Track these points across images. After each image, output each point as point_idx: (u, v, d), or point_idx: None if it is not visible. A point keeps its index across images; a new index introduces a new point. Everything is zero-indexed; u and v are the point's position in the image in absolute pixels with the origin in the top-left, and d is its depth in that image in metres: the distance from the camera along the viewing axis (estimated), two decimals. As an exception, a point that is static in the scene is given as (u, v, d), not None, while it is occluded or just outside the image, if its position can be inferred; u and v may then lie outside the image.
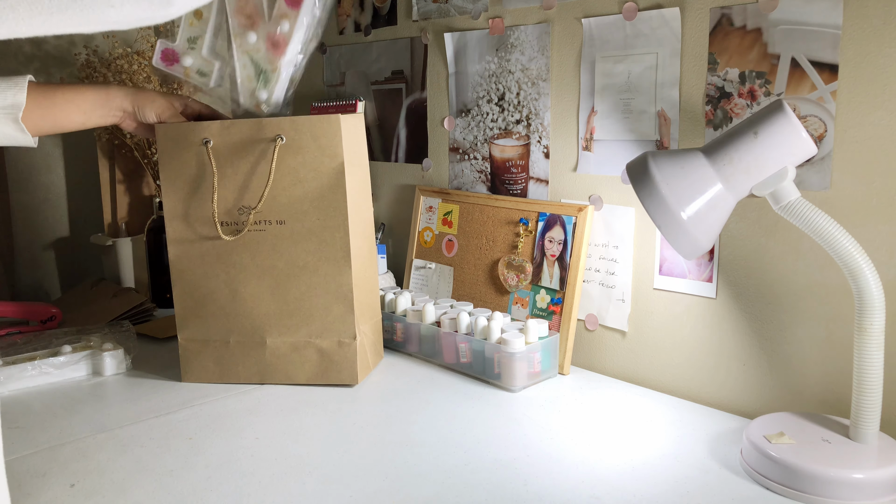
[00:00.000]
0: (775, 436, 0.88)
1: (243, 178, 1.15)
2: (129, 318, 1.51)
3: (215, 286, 1.18)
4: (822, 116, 0.95)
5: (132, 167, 1.80)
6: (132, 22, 0.74)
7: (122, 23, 0.73)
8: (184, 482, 0.88)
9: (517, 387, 1.14)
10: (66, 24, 0.68)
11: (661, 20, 1.09)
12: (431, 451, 0.95)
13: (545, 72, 1.25)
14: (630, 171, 0.92)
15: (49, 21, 0.66)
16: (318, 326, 1.17)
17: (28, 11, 0.65)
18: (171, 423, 1.05)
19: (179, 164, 1.15)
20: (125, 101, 1.11)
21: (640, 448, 0.95)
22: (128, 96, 1.11)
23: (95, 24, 0.71)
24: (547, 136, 1.27)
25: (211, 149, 1.13)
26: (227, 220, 1.16)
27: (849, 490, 0.80)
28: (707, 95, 1.06)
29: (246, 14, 1.13)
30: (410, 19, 1.48)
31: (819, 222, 0.84)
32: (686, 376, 1.13)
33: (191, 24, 1.17)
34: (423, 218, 1.47)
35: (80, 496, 0.86)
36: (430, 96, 1.47)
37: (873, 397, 0.84)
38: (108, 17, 0.71)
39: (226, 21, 1.14)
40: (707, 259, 1.08)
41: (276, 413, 1.08)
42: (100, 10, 0.69)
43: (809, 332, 0.99)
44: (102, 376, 1.24)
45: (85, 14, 0.68)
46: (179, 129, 1.14)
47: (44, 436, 1.02)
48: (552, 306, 1.23)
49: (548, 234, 1.25)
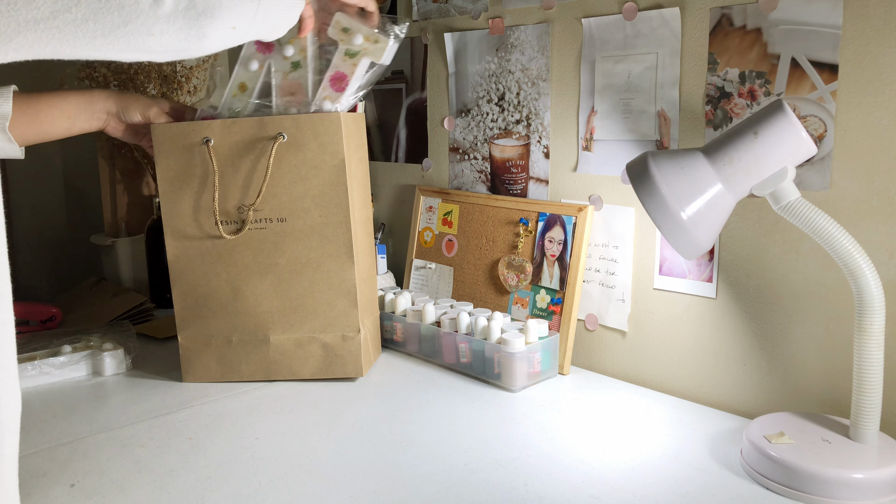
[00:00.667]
0: (775, 436, 0.88)
1: (243, 176, 1.15)
2: (129, 318, 1.51)
3: (216, 285, 1.18)
4: (822, 116, 0.95)
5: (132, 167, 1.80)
6: (169, 53, 0.78)
7: (158, 52, 0.77)
8: (184, 482, 0.88)
9: (517, 387, 1.14)
10: (106, 49, 0.72)
11: (661, 20, 1.09)
12: (431, 451, 0.95)
13: (545, 72, 1.25)
14: (630, 171, 0.92)
15: (92, 44, 0.70)
16: (321, 322, 1.18)
17: (73, 34, 0.68)
18: (171, 423, 1.05)
19: (178, 163, 1.15)
20: (108, 102, 1.10)
21: (640, 448, 0.95)
22: (111, 97, 1.11)
23: (135, 51, 0.75)
24: (547, 136, 1.27)
25: (211, 147, 1.13)
26: (227, 219, 1.16)
27: (849, 490, 0.80)
28: (707, 95, 1.06)
29: (290, 92, 1.14)
30: (410, 19, 1.48)
31: (819, 222, 0.84)
32: (686, 376, 1.13)
33: (234, 96, 1.17)
34: (423, 218, 1.47)
35: (80, 496, 0.86)
36: (430, 96, 1.47)
37: (873, 397, 0.84)
38: (148, 45, 0.74)
39: (269, 98, 1.16)
40: (707, 259, 1.08)
41: (277, 413, 1.08)
42: (141, 38, 0.74)
43: (809, 332, 0.99)
44: (102, 376, 1.24)
45: (126, 40, 0.72)
46: (179, 127, 1.14)
47: (44, 436, 1.02)
48: (552, 306, 1.23)
49: (548, 234, 1.25)
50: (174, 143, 1.15)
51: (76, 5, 0.66)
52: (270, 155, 1.11)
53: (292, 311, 1.18)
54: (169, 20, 0.73)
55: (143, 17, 0.71)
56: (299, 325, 1.18)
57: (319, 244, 1.15)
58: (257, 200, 1.13)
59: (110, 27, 0.69)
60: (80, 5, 0.66)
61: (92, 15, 0.67)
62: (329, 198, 1.13)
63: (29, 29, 0.64)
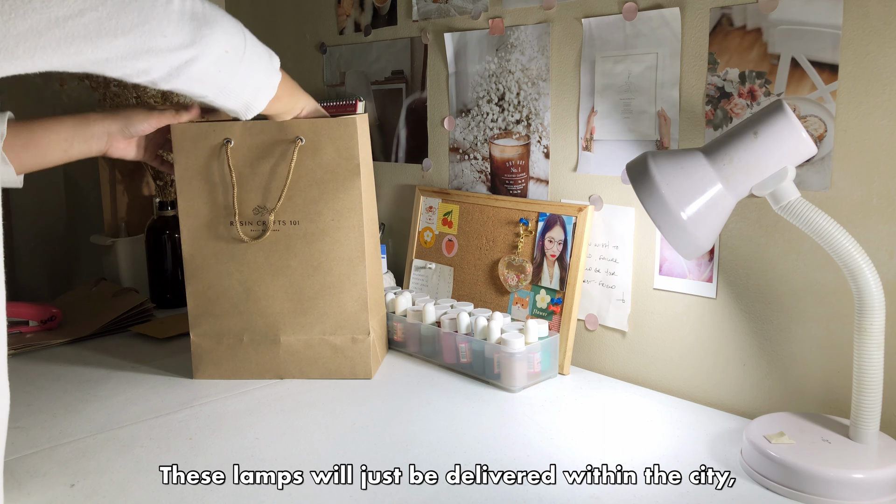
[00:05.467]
0: (775, 436, 0.88)
1: (261, 178, 1.16)
2: (128, 318, 1.51)
3: (229, 285, 1.19)
4: (822, 116, 0.95)
5: (132, 167, 1.80)
6: (170, 61, 0.80)
7: (162, 61, 0.79)
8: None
9: (517, 387, 1.14)
10: (123, 51, 0.75)
11: (661, 20, 1.09)
12: (431, 450, 0.95)
13: (545, 72, 1.25)
14: (630, 171, 0.92)
15: (112, 44, 0.73)
16: (331, 324, 1.19)
17: (97, 31, 0.71)
18: (171, 423, 1.05)
19: (196, 163, 1.16)
20: (106, 122, 1.06)
21: (640, 448, 0.95)
22: (107, 117, 1.06)
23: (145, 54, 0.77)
24: (547, 136, 1.27)
25: (231, 149, 1.14)
26: (242, 220, 1.17)
27: (849, 490, 0.80)
28: (707, 95, 1.06)
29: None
30: (410, 19, 1.48)
31: (819, 222, 0.84)
32: (686, 376, 1.13)
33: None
34: (423, 218, 1.47)
35: (80, 496, 0.86)
36: (430, 96, 1.47)
37: (873, 397, 0.84)
38: (158, 46, 0.77)
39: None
40: (707, 259, 1.08)
41: (277, 413, 1.08)
42: (155, 38, 0.77)
43: (809, 332, 0.99)
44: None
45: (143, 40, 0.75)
46: (199, 127, 1.15)
47: (44, 436, 1.02)
48: (552, 306, 1.23)
49: (548, 234, 1.25)
50: (194, 142, 1.15)
51: (102, 4, 0.70)
52: (292, 159, 1.13)
53: (303, 313, 1.18)
54: (179, 23, 0.78)
55: (158, 17, 0.75)
56: (309, 326, 1.19)
57: (331, 248, 1.16)
58: (278, 204, 1.14)
59: (130, 26, 0.73)
60: (105, 4, 0.70)
61: (115, 13, 0.71)
62: (342, 202, 1.15)
63: (59, 25, 0.68)
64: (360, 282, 1.17)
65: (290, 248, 1.17)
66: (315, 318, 1.19)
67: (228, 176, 1.15)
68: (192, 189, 1.17)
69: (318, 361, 1.20)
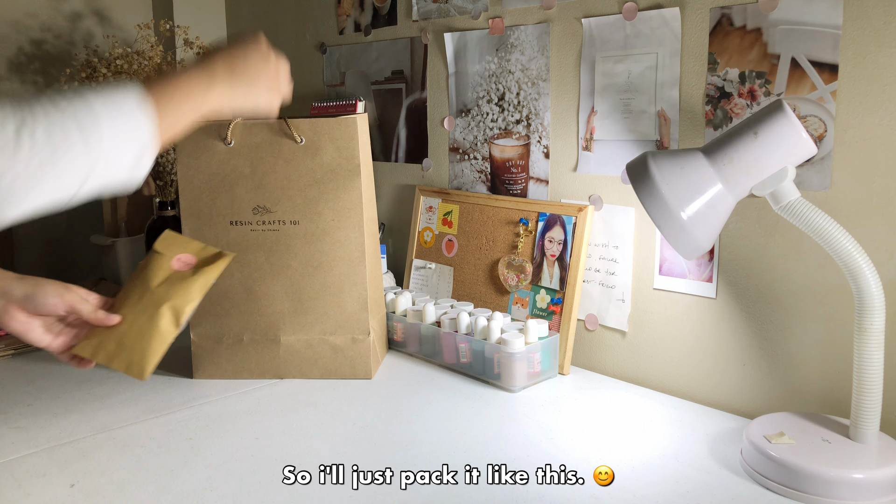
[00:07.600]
0: (775, 436, 0.88)
1: (260, 178, 1.16)
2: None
3: (229, 284, 1.19)
4: (822, 116, 0.95)
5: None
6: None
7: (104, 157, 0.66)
8: (184, 482, 0.88)
9: (517, 387, 1.14)
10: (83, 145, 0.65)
11: (661, 20, 1.09)
12: (431, 451, 0.95)
13: (545, 72, 1.25)
14: (630, 171, 0.92)
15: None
16: (332, 324, 1.19)
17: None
18: (171, 423, 1.05)
19: (198, 163, 1.17)
20: (8, 281, 0.85)
21: (640, 448, 0.95)
22: (13, 276, 0.86)
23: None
24: (547, 136, 1.27)
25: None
26: (242, 220, 1.17)
27: (849, 490, 0.80)
28: (707, 95, 1.06)
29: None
30: (410, 19, 1.48)
31: (819, 222, 0.84)
32: (686, 376, 1.13)
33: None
34: (423, 218, 1.47)
35: (80, 496, 0.86)
36: (430, 96, 1.47)
37: (873, 397, 0.84)
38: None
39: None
40: (707, 259, 1.08)
41: (276, 413, 1.08)
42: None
43: (809, 332, 0.99)
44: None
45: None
46: (200, 128, 1.15)
47: (44, 436, 1.02)
48: (552, 306, 1.23)
49: (548, 234, 1.25)
50: (195, 142, 1.16)
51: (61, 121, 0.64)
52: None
53: (303, 313, 1.19)
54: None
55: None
56: (310, 326, 1.19)
57: (331, 248, 1.17)
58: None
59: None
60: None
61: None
62: (342, 202, 1.15)
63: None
64: (360, 282, 1.17)
65: (290, 248, 1.17)
66: (315, 318, 1.19)
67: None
68: (193, 189, 1.18)
69: (318, 361, 1.20)
